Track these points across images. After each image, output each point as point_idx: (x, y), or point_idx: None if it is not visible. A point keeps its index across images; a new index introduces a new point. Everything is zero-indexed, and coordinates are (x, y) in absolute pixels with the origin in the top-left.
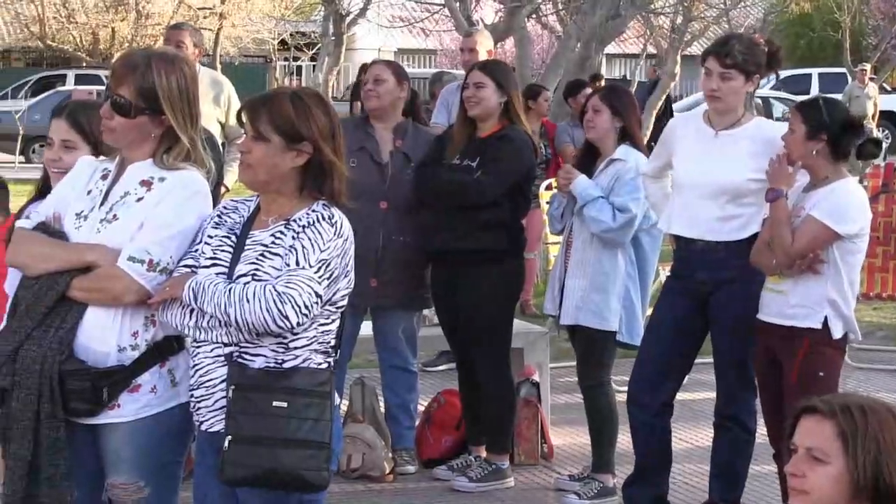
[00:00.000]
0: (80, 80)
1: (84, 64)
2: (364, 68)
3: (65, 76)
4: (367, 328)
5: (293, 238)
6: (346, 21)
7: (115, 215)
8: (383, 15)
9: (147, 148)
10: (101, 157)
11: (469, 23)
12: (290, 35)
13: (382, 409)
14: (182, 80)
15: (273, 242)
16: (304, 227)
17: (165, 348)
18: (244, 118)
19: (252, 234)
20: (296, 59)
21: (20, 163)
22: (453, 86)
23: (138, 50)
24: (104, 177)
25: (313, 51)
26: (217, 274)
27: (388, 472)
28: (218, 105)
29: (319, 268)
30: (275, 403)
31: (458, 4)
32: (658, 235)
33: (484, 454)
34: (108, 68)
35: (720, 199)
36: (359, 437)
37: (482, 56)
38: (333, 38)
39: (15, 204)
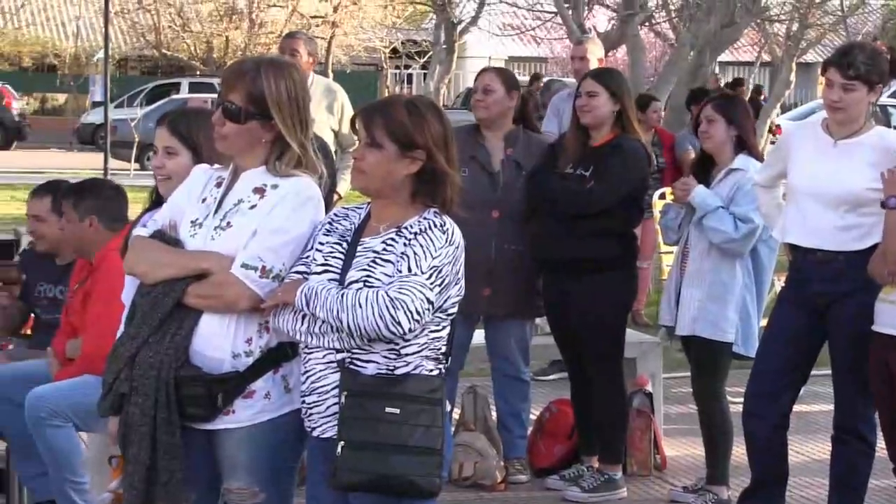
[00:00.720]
0: (193, 88)
1: (198, 72)
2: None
3: (179, 84)
4: (479, 337)
5: (405, 245)
6: (458, 29)
7: (228, 223)
8: (494, 23)
9: (259, 154)
10: (216, 166)
11: (581, 30)
12: (402, 43)
13: (494, 418)
14: (292, 86)
15: (384, 249)
16: (415, 234)
17: (279, 355)
18: (358, 125)
19: (363, 241)
20: (407, 67)
21: (135, 170)
22: (564, 94)
23: (248, 57)
24: (218, 185)
25: (424, 59)
26: (329, 280)
27: (499, 480)
28: (331, 113)
29: (431, 274)
30: (387, 410)
31: (570, 12)
32: (775, 246)
33: (596, 464)
34: (222, 76)
35: (840, 208)
36: (471, 445)
37: (593, 64)
38: (445, 46)
39: (132, 211)
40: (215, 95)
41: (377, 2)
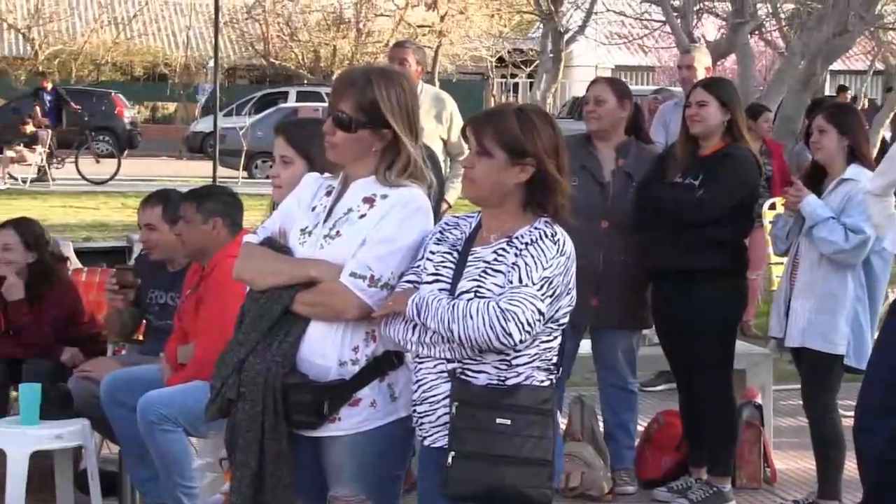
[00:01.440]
0: (301, 97)
1: (305, 81)
2: None
3: (287, 93)
4: (586, 347)
5: (515, 255)
6: (565, 38)
7: (338, 231)
8: (601, 32)
9: (369, 164)
10: (326, 174)
11: (690, 39)
12: (508, 52)
13: (601, 429)
14: (402, 95)
15: (495, 259)
16: (526, 244)
17: (385, 363)
18: (468, 133)
19: (474, 251)
20: (513, 76)
21: (244, 178)
22: (670, 104)
23: (358, 67)
24: (328, 193)
25: (530, 68)
26: (439, 290)
27: (607, 491)
28: (440, 122)
29: (542, 285)
30: (498, 420)
31: (679, 21)
32: (889, 258)
33: (705, 476)
34: (329, 85)
35: None
36: (578, 455)
37: (700, 73)
38: (551, 55)
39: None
40: (324, 104)
41: (484, 11)
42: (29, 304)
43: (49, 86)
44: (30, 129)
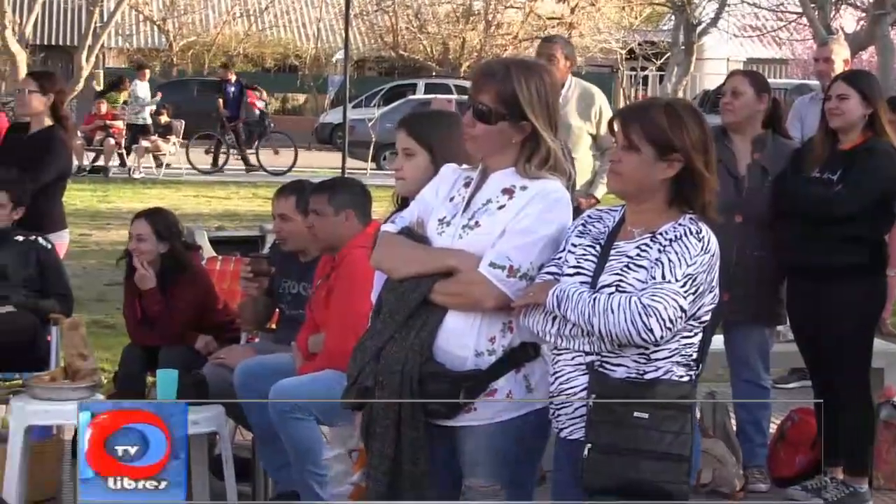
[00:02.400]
0: (429, 89)
1: (433, 73)
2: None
3: (415, 85)
4: (718, 342)
5: (659, 251)
6: (698, 30)
7: (476, 222)
8: (734, 24)
9: (509, 156)
10: (464, 166)
11: (828, 31)
12: (638, 44)
13: (734, 425)
14: (542, 87)
15: (638, 255)
16: (670, 240)
17: (521, 354)
18: (616, 127)
19: (617, 245)
20: (643, 68)
21: (372, 170)
22: (805, 98)
23: (498, 58)
24: (467, 184)
25: (661, 60)
26: (580, 283)
27: (738, 489)
28: (588, 118)
29: (685, 282)
30: (636, 414)
31: (816, 13)
32: None
33: (841, 476)
34: (457, 77)
35: None
36: (710, 452)
37: (838, 66)
38: (683, 47)
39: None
40: (456, 96)
41: (615, 2)
42: (162, 293)
43: (233, 78)
44: (164, 119)
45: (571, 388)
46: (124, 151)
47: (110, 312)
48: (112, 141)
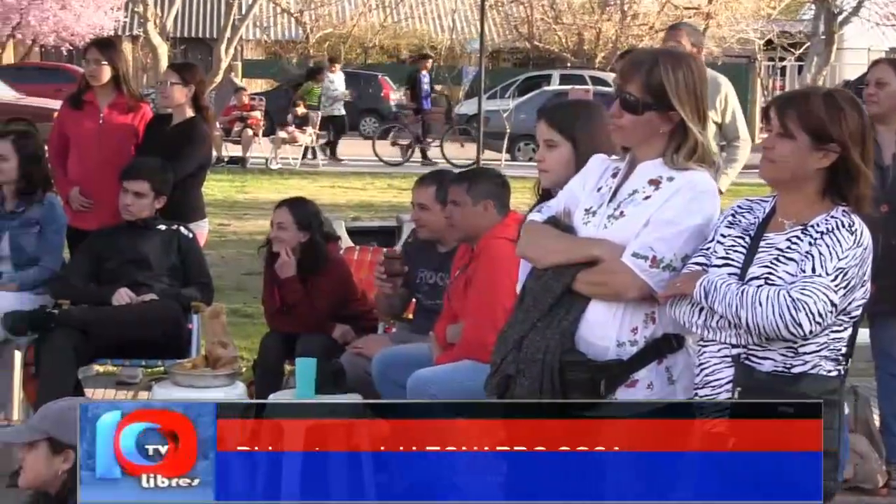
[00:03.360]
0: (564, 80)
1: (568, 64)
2: None
3: (550, 76)
4: (862, 336)
5: (810, 244)
6: (838, 20)
7: (622, 212)
8: (876, 12)
9: (656, 146)
10: (613, 156)
11: None
12: (776, 35)
13: (877, 420)
14: (690, 77)
15: (788, 247)
16: (822, 233)
17: (664, 346)
18: (772, 114)
19: (767, 237)
20: (781, 59)
21: (506, 160)
22: None
23: (646, 49)
24: (614, 175)
25: (800, 51)
26: (729, 274)
27: (881, 485)
28: (714, 105)
29: (836, 276)
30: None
31: None
32: None
33: None
34: (592, 68)
35: None
36: (852, 447)
37: None
38: (823, 37)
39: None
40: (592, 87)
41: None
42: (302, 282)
43: (428, 67)
44: (301, 110)
45: (717, 380)
46: (316, 146)
47: (248, 302)
48: (250, 132)
